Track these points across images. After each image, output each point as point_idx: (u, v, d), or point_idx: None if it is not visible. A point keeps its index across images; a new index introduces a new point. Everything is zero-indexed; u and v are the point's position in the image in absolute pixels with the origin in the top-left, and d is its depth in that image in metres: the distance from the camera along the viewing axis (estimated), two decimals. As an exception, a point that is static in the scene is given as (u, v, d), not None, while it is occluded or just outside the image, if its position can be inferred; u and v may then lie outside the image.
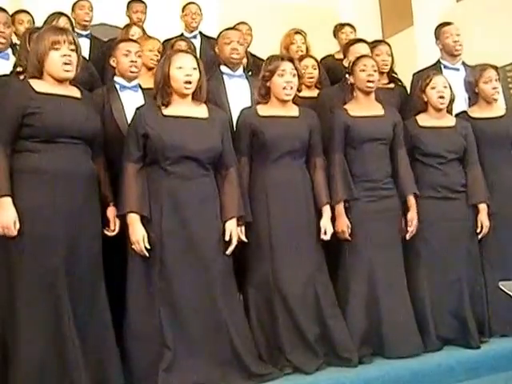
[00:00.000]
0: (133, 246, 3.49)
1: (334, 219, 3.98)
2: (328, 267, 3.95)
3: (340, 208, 4.00)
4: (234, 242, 3.63)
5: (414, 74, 5.10)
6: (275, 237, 3.80)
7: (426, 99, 4.38)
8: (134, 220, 3.50)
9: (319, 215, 3.94)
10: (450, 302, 4.20)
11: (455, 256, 4.23)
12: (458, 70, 5.11)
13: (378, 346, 3.94)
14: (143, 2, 6.47)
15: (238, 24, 5.78)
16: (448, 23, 5.28)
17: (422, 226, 4.18)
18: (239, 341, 3.54)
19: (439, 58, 5.24)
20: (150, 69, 4.57)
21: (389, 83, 4.99)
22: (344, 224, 3.98)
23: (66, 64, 3.31)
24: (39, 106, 3.23)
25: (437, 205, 4.25)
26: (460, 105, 4.72)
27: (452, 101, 4.39)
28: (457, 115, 4.55)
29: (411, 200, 4.16)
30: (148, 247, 3.48)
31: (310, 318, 3.78)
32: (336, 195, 3.98)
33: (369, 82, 4.15)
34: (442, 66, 5.13)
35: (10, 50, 4.41)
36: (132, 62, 4.10)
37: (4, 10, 4.51)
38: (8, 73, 3.99)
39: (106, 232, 3.51)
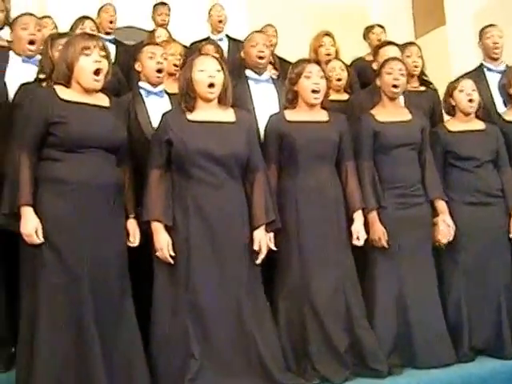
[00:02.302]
0: (157, 254, 3.52)
1: (365, 226, 3.96)
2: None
3: (373, 216, 3.98)
4: (264, 251, 3.62)
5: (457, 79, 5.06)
6: (305, 244, 3.80)
7: (453, 103, 4.36)
8: (158, 227, 3.52)
9: (350, 221, 3.92)
10: (487, 312, 4.16)
11: (493, 264, 4.20)
12: (503, 71, 4.99)
13: (408, 357, 3.92)
14: (167, 5, 6.53)
15: (264, 27, 5.80)
16: (491, 25, 5.22)
17: (457, 232, 4.15)
18: (266, 351, 3.53)
19: (482, 61, 5.20)
20: (171, 74, 4.58)
21: (419, 86, 4.96)
22: (380, 231, 3.96)
23: (96, 72, 3.32)
24: (64, 115, 3.25)
25: (473, 211, 4.22)
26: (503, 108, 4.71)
27: (480, 106, 4.36)
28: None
29: (442, 205, 4.14)
30: (172, 254, 3.50)
31: (339, 327, 3.77)
32: (368, 203, 3.97)
33: (394, 86, 4.14)
34: (485, 69, 5.10)
35: (39, 56, 4.45)
36: (157, 63, 4.13)
37: (33, 15, 4.56)
38: (32, 80, 4.03)
39: (128, 243, 3.53)
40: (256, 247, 3.60)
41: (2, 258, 3.72)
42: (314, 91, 3.89)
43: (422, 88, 4.99)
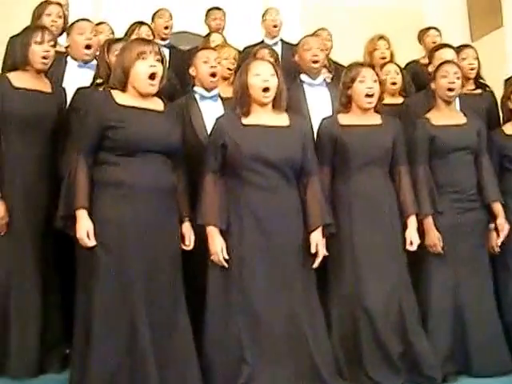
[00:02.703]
0: (212, 257, 3.54)
1: (419, 231, 3.92)
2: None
3: (429, 221, 3.95)
4: (322, 253, 3.61)
5: (506, 80, 4.98)
6: (358, 249, 3.78)
7: (511, 106, 4.29)
8: (212, 231, 3.54)
9: (403, 226, 3.89)
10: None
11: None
12: None
13: (463, 364, 3.89)
14: (221, 10, 6.54)
15: (317, 30, 5.79)
16: None
17: (510, 238, 4.11)
18: (319, 355, 3.52)
19: None
20: (225, 78, 4.61)
21: (476, 89, 4.89)
22: (435, 237, 3.92)
23: (151, 77, 3.36)
24: (121, 120, 3.29)
25: (528, 216, 4.15)
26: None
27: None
28: None
29: (498, 207, 4.09)
30: (227, 258, 3.52)
31: (393, 333, 3.74)
32: (423, 209, 3.93)
33: (449, 90, 4.10)
34: None
35: (95, 61, 4.53)
36: (211, 67, 4.16)
37: (89, 20, 4.64)
38: (88, 85, 4.09)
39: (183, 247, 3.55)
40: (313, 250, 3.59)
41: (58, 261, 3.79)
42: (367, 95, 3.87)
43: (478, 91, 4.92)
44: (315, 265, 3.61)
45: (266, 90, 3.61)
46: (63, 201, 3.30)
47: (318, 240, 3.61)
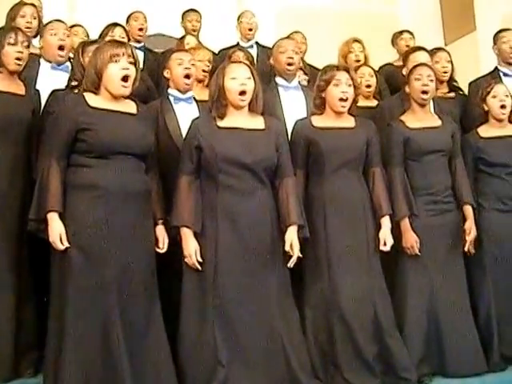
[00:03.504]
0: (185, 260, 3.52)
1: (395, 233, 3.92)
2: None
3: (406, 223, 3.95)
4: (296, 252, 3.58)
5: (470, 83, 5.02)
6: (333, 251, 3.77)
7: (486, 109, 4.32)
8: (186, 234, 3.53)
9: (377, 228, 3.89)
10: (518, 320, 4.12)
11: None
12: None
13: (438, 365, 3.89)
14: (197, 12, 6.53)
15: (292, 33, 5.79)
16: (507, 29, 5.17)
17: (487, 239, 4.14)
18: (295, 358, 3.52)
19: (497, 65, 5.14)
20: (199, 81, 4.59)
21: (449, 92, 4.92)
22: (412, 239, 3.93)
23: (124, 79, 3.35)
24: (93, 122, 3.28)
25: (504, 218, 4.18)
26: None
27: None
28: None
29: (468, 210, 4.11)
30: (200, 260, 3.50)
31: (368, 336, 3.74)
32: (400, 211, 3.93)
33: (423, 92, 4.11)
34: (502, 74, 5.03)
35: (69, 63, 4.50)
36: (185, 69, 4.15)
37: (62, 21, 4.60)
38: (63, 87, 4.06)
39: (156, 249, 3.53)
40: (287, 248, 3.57)
41: (31, 264, 3.74)
42: (341, 99, 3.87)
43: (452, 94, 4.95)
44: (289, 264, 3.58)
45: (242, 93, 3.61)
46: (35, 204, 3.28)
47: (291, 239, 3.59)
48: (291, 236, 3.59)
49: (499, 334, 4.04)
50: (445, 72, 4.87)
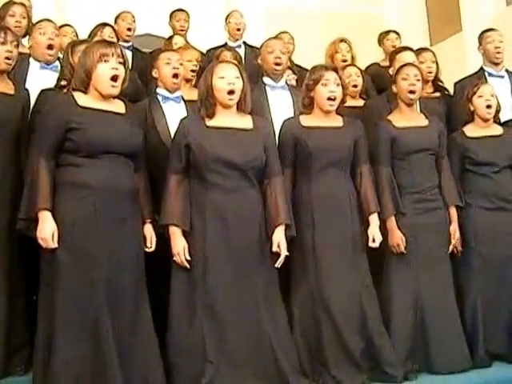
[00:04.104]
0: (174, 258, 3.53)
1: (381, 231, 3.94)
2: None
3: (392, 222, 3.98)
4: (284, 252, 3.60)
5: (455, 83, 5.05)
6: (320, 249, 3.78)
7: (472, 108, 4.34)
8: (175, 232, 3.54)
9: (364, 226, 3.91)
10: (502, 317, 4.14)
11: (507, 269, 4.17)
12: (502, 77, 5.04)
13: (424, 362, 3.92)
14: (185, 11, 6.53)
15: (279, 33, 5.80)
16: (492, 29, 5.21)
17: (474, 237, 4.17)
18: (282, 355, 3.52)
19: (482, 65, 5.17)
20: (187, 80, 4.60)
21: (434, 92, 4.95)
22: (398, 237, 3.96)
23: (113, 78, 3.35)
24: (82, 122, 3.28)
25: (490, 216, 4.20)
26: (506, 113, 4.66)
27: (498, 111, 4.35)
28: (504, 123, 4.51)
29: (453, 211, 4.14)
30: (189, 259, 3.51)
31: (354, 333, 3.75)
32: (386, 209, 3.96)
33: (410, 92, 4.13)
34: (487, 74, 5.05)
35: (58, 63, 4.49)
36: (174, 69, 4.15)
37: (51, 21, 4.60)
38: (52, 86, 4.05)
39: (145, 248, 3.53)
40: (274, 248, 3.59)
41: (21, 263, 3.74)
42: (329, 99, 3.88)
43: (437, 94, 4.98)
44: (277, 264, 3.60)
45: (230, 92, 3.61)
46: (25, 203, 3.29)
47: (279, 239, 3.60)
48: (279, 236, 3.61)
49: (484, 330, 4.05)
50: (430, 72, 4.89)
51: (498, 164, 4.25)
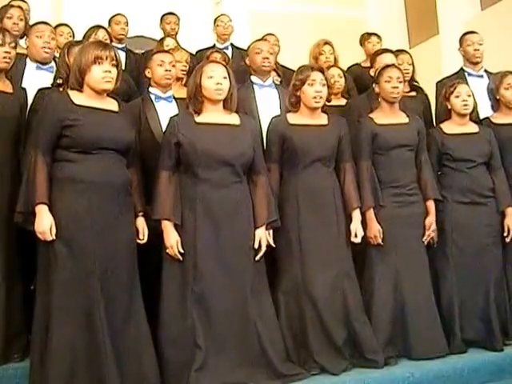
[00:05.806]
0: (167, 251, 3.53)
1: (363, 224, 3.97)
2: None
3: (371, 214, 3.99)
4: (263, 249, 3.64)
5: (437, 83, 5.08)
6: (305, 241, 3.80)
7: (449, 107, 4.36)
8: (167, 226, 3.54)
9: (348, 220, 3.92)
10: (477, 305, 4.17)
11: (483, 259, 4.20)
12: (481, 77, 5.07)
13: (403, 348, 3.94)
14: (176, 15, 6.55)
15: (265, 35, 5.80)
16: (472, 32, 5.24)
17: (451, 229, 4.20)
18: (268, 341, 3.54)
19: (462, 66, 5.21)
20: (178, 79, 4.58)
21: (410, 91, 4.97)
22: (376, 229, 3.97)
23: (106, 80, 3.35)
24: (77, 119, 3.28)
25: (466, 209, 4.23)
26: (485, 111, 4.70)
27: (474, 109, 4.37)
28: (480, 122, 4.54)
29: (430, 204, 4.16)
30: (182, 251, 3.52)
31: (337, 320, 3.77)
32: (365, 202, 3.97)
33: (393, 92, 4.14)
34: (466, 74, 5.09)
35: (53, 64, 4.47)
36: (166, 71, 4.15)
37: (48, 24, 4.58)
38: (49, 85, 4.03)
39: (137, 240, 3.53)
40: (256, 245, 3.62)
41: (19, 253, 3.72)
42: (315, 98, 3.89)
43: (413, 93, 5.01)
44: (257, 258, 3.62)
45: (218, 90, 3.62)
46: (22, 197, 3.28)
47: (261, 236, 3.64)
48: (260, 234, 3.65)
49: (460, 318, 4.09)
50: (406, 73, 4.91)
51: (474, 160, 4.27)
